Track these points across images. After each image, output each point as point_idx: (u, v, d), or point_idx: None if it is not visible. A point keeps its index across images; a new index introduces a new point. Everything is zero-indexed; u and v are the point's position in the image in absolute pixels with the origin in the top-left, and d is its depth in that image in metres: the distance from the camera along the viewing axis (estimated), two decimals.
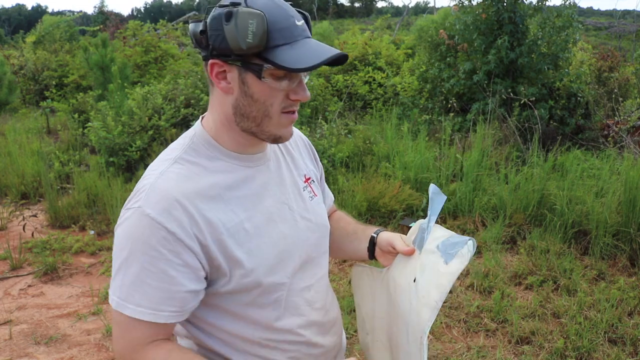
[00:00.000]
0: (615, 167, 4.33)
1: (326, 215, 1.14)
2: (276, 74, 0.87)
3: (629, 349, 2.59)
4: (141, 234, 0.85)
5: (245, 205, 0.94)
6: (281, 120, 0.92)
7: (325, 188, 1.23)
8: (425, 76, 6.90)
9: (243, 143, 0.96)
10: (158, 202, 0.86)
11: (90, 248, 3.98)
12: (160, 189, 0.87)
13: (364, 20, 32.68)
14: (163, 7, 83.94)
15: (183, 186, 0.88)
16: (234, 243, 0.91)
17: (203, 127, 0.97)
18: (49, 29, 13.09)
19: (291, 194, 1.03)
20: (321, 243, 1.09)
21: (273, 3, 0.87)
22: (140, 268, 0.85)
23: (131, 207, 0.88)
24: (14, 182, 5.17)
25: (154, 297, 0.86)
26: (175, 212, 0.86)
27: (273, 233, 0.96)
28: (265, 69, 0.86)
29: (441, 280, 0.95)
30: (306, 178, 1.10)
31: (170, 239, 0.85)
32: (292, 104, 0.91)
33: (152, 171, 0.92)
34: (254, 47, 0.83)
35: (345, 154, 5.06)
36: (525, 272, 3.33)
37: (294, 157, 1.10)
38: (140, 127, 5.48)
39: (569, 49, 6.06)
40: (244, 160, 0.97)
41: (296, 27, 0.87)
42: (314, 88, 7.01)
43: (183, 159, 0.93)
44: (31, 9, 79.04)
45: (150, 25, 10.33)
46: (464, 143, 5.15)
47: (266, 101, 0.89)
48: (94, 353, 2.73)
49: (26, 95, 10.84)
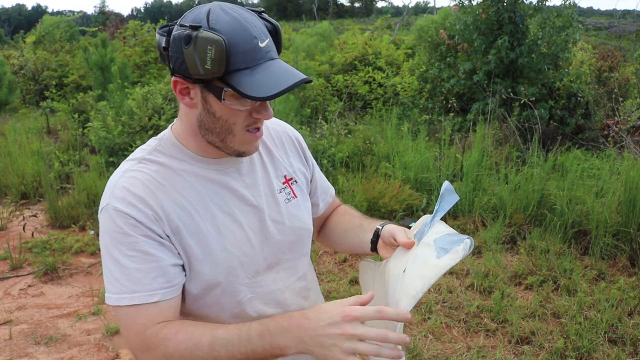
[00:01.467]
0: (615, 167, 4.33)
1: (307, 217, 1.11)
2: (237, 96, 0.86)
3: (629, 349, 2.59)
4: (114, 225, 0.89)
5: (207, 206, 0.95)
6: (245, 137, 0.93)
7: (320, 183, 1.21)
8: (425, 76, 6.90)
9: (210, 151, 0.97)
10: (122, 197, 0.90)
11: (90, 248, 3.98)
12: (124, 185, 0.91)
13: (364, 20, 32.69)
14: (163, 7, 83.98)
15: (145, 183, 0.92)
16: (193, 240, 0.93)
17: (172, 132, 1.00)
18: (49, 29, 13.08)
19: (263, 197, 1.02)
20: (295, 246, 1.07)
21: (237, 24, 0.84)
22: (123, 257, 0.89)
23: (102, 208, 0.92)
24: (14, 182, 5.17)
25: (144, 279, 0.89)
26: (139, 205, 0.90)
27: (235, 235, 0.97)
28: (225, 92, 0.86)
29: (427, 272, 0.93)
30: (286, 179, 1.08)
31: (140, 225, 0.89)
32: (256, 121, 0.92)
33: (118, 171, 0.96)
34: (212, 73, 0.83)
35: (345, 154, 5.06)
36: (526, 272, 3.33)
37: (274, 158, 1.09)
38: (140, 127, 5.48)
39: (569, 49, 6.06)
40: (210, 163, 0.98)
41: (259, 50, 0.85)
42: (314, 88, 7.02)
43: (146, 159, 0.96)
44: (31, 9, 79.09)
45: (150, 25, 10.35)
46: (464, 143, 5.15)
47: (228, 120, 0.90)
48: (94, 353, 2.72)
49: (26, 95, 10.84)
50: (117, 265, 0.89)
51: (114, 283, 0.90)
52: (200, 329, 0.89)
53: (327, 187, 1.24)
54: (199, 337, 0.88)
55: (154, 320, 0.90)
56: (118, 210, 0.89)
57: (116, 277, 0.89)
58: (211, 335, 0.88)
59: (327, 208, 1.24)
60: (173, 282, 0.92)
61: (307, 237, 1.11)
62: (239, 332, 0.87)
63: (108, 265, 0.91)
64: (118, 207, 0.89)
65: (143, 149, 0.99)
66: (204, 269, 0.94)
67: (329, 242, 1.27)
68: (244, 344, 0.86)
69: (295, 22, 29.80)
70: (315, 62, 8.88)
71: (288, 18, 38.47)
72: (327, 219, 1.27)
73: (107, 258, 0.91)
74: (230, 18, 0.84)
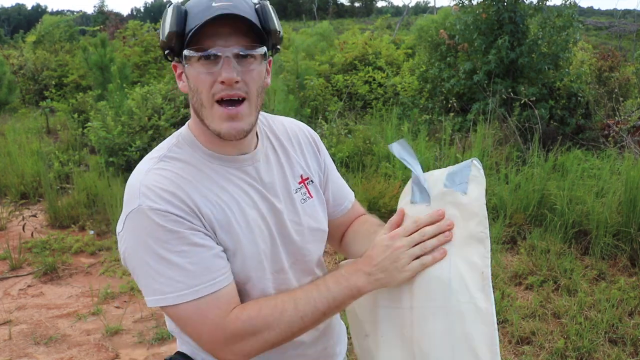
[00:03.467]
0: (616, 167, 4.33)
1: (323, 217, 1.10)
2: (195, 57, 0.88)
3: (630, 349, 2.59)
4: (154, 225, 0.86)
5: (237, 201, 0.95)
6: (215, 111, 0.90)
7: (334, 185, 1.17)
8: (426, 76, 6.90)
9: (215, 142, 0.96)
10: (156, 195, 0.88)
11: (90, 248, 3.97)
12: (152, 184, 0.89)
13: (364, 20, 32.69)
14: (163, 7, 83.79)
15: (172, 179, 0.91)
16: (224, 234, 0.93)
17: (188, 127, 1.00)
18: (49, 29, 13.08)
19: (281, 197, 1.02)
20: (310, 247, 1.06)
21: None
22: (172, 254, 0.87)
23: (131, 211, 0.89)
24: (14, 182, 5.17)
25: (202, 270, 0.88)
26: (174, 200, 0.88)
27: (262, 230, 0.97)
28: (185, 54, 0.89)
29: (471, 209, 0.90)
30: (302, 179, 1.07)
31: (182, 220, 0.88)
32: (222, 88, 0.88)
33: (139, 171, 0.94)
34: (172, 35, 0.88)
35: (345, 154, 5.06)
36: (526, 272, 3.32)
37: (290, 156, 1.08)
38: (140, 127, 5.47)
39: (569, 48, 6.06)
40: (228, 161, 0.97)
41: (210, 8, 0.86)
42: (314, 88, 7.01)
43: (168, 156, 0.95)
44: (31, 8, 79.02)
45: (150, 25, 10.33)
46: (464, 143, 5.15)
47: (198, 88, 0.90)
48: (94, 353, 2.72)
49: (26, 95, 10.83)
50: (167, 264, 0.86)
51: (167, 283, 0.87)
52: (280, 297, 0.92)
53: (344, 192, 1.20)
54: (282, 304, 0.90)
55: (227, 309, 0.89)
56: (155, 209, 0.86)
57: (169, 275, 0.86)
58: (292, 299, 0.91)
59: (344, 215, 1.19)
60: (227, 266, 0.92)
61: (322, 237, 1.10)
62: (316, 286, 0.92)
63: (154, 267, 0.87)
64: (154, 206, 0.86)
65: (162, 147, 0.98)
66: (236, 263, 0.94)
67: (350, 252, 1.20)
68: (324, 294, 0.90)
69: (295, 21, 29.78)
70: (315, 62, 8.88)
71: (288, 18, 38.44)
72: (348, 228, 1.21)
73: (150, 259, 0.87)
74: None
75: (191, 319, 0.88)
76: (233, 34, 0.88)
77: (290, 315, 0.89)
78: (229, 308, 0.89)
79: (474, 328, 0.87)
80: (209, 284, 0.88)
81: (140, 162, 0.97)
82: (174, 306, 0.87)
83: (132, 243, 0.89)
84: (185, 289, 0.87)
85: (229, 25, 0.87)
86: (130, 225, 0.89)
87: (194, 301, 0.87)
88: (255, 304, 0.91)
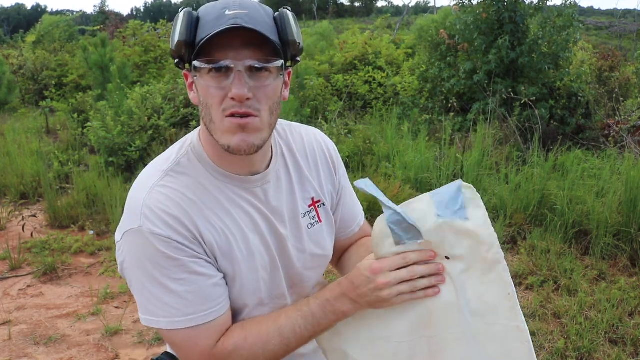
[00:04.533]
0: (616, 167, 4.33)
1: (329, 243, 1.06)
2: (206, 69, 0.83)
3: (630, 350, 2.58)
4: (154, 250, 0.84)
5: (239, 226, 0.92)
6: (224, 125, 0.84)
7: (345, 207, 1.11)
8: (426, 76, 6.89)
9: (223, 157, 0.90)
10: (159, 219, 0.84)
11: (89, 248, 3.97)
12: (156, 205, 0.85)
13: (364, 20, 32.67)
14: (163, 6, 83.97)
15: (177, 201, 0.87)
16: (224, 260, 0.90)
17: (199, 138, 0.94)
18: (49, 29, 13.09)
19: (287, 222, 0.98)
20: (311, 273, 1.03)
21: (219, 2, 0.85)
22: (170, 281, 0.85)
23: (130, 229, 0.86)
24: (13, 182, 5.16)
25: (198, 299, 0.86)
26: (177, 227, 0.85)
27: (263, 256, 0.95)
28: (195, 65, 0.84)
29: (480, 235, 0.84)
30: (313, 201, 1.02)
31: (183, 247, 0.85)
32: (232, 104, 0.82)
33: (143, 186, 0.89)
34: (182, 44, 0.82)
35: (345, 154, 5.05)
36: (526, 272, 3.32)
37: (303, 176, 1.02)
38: (140, 127, 5.47)
39: (569, 48, 6.06)
40: (236, 180, 0.92)
41: (223, 17, 0.80)
42: (314, 88, 7.01)
43: (174, 170, 0.90)
44: (30, 8, 78.99)
45: (150, 25, 10.32)
46: (465, 143, 5.14)
47: (208, 102, 0.84)
48: (94, 353, 2.72)
49: (25, 95, 10.83)
50: (164, 290, 0.85)
51: (162, 307, 0.85)
52: (264, 325, 0.90)
53: (355, 214, 1.14)
54: (266, 333, 0.89)
55: (218, 334, 0.88)
56: (156, 235, 0.83)
57: (164, 301, 0.85)
58: (277, 327, 0.89)
59: (349, 238, 1.15)
60: (224, 295, 0.90)
61: (324, 263, 1.07)
62: (300, 313, 0.90)
63: (150, 289, 0.85)
64: (156, 231, 0.83)
65: (169, 157, 0.92)
66: (234, 289, 0.92)
67: (343, 273, 1.15)
68: (309, 321, 0.89)
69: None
70: (315, 62, 8.88)
71: None
72: (348, 248, 1.17)
73: (147, 282, 0.85)
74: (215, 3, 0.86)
75: (182, 345, 0.88)
76: (246, 45, 0.81)
77: (275, 344, 0.89)
78: (217, 337, 0.88)
79: (510, 346, 0.89)
80: (203, 314, 0.86)
81: (146, 172, 0.92)
82: (166, 330, 0.87)
83: (130, 260, 0.87)
84: (179, 316, 0.85)
85: (242, 36, 0.81)
86: (129, 242, 0.86)
87: (187, 329, 0.86)
88: (242, 332, 0.90)
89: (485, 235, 0.85)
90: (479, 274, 0.87)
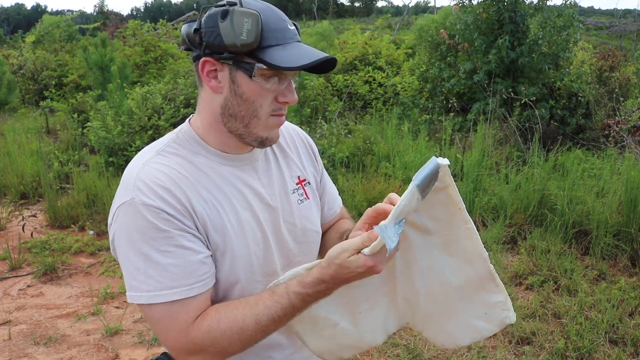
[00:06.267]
0: (616, 167, 4.33)
1: (317, 219, 1.11)
2: (267, 74, 0.89)
3: (630, 350, 2.58)
4: (144, 221, 0.85)
5: (231, 202, 0.95)
6: (269, 122, 0.93)
7: (329, 191, 1.20)
8: (426, 76, 6.89)
9: (229, 144, 0.97)
10: (150, 190, 0.87)
11: (89, 248, 3.97)
12: (148, 178, 0.88)
13: (364, 20, 32.67)
14: (163, 6, 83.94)
15: (170, 175, 0.90)
16: (216, 235, 0.92)
17: (190, 126, 0.99)
18: (49, 29, 13.07)
19: (277, 197, 1.02)
20: (304, 249, 1.06)
21: (267, 7, 0.90)
22: (157, 253, 0.86)
23: (122, 203, 0.88)
24: (13, 182, 5.16)
25: (181, 274, 0.87)
26: (169, 198, 0.87)
27: (254, 232, 0.97)
28: (257, 69, 0.88)
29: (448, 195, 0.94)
30: (300, 180, 1.09)
31: (173, 219, 0.87)
32: (281, 107, 0.94)
33: (135, 163, 0.93)
34: (248, 46, 0.86)
35: (345, 154, 5.05)
36: (526, 272, 3.32)
37: (288, 158, 1.09)
38: (140, 127, 5.47)
39: (569, 48, 6.05)
40: (227, 159, 0.97)
41: (288, 30, 0.90)
42: (314, 88, 7.01)
43: (166, 151, 0.95)
44: (30, 8, 79.03)
45: (150, 24, 10.33)
46: (465, 143, 5.14)
47: (255, 101, 0.91)
48: (94, 353, 2.72)
49: (25, 95, 10.83)
50: (149, 262, 0.86)
51: (145, 281, 0.86)
52: (240, 311, 0.89)
53: (335, 196, 1.23)
54: (242, 319, 0.88)
55: (196, 312, 0.89)
56: (147, 205, 0.85)
57: (149, 274, 0.86)
58: (253, 315, 0.88)
59: (331, 217, 1.21)
60: (209, 272, 0.90)
61: (316, 239, 1.10)
62: (279, 304, 0.88)
63: (135, 263, 0.86)
64: (147, 201, 0.85)
65: (160, 142, 0.97)
66: (224, 264, 0.93)
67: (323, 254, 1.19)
68: (288, 310, 0.88)
69: (295, 21, 29.76)
70: None
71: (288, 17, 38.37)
72: (326, 231, 1.21)
73: (133, 255, 0.86)
74: (261, 3, 0.91)
75: (161, 321, 0.88)
76: None
77: (252, 331, 0.88)
78: (196, 315, 0.89)
79: (466, 244, 0.98)
80: (186, 288, 0.87)
81: (137, 155, 0.96)
82: (148, 305, 0.87)
83: (119, 234, 0.88)
84: (162, 289, 0.86)
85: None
86: (120, 217, 0.88)
87: (168, 303, 0.86)
88: (215, 314, 0.89)
89: (452, 194, 0.94)
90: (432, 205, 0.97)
